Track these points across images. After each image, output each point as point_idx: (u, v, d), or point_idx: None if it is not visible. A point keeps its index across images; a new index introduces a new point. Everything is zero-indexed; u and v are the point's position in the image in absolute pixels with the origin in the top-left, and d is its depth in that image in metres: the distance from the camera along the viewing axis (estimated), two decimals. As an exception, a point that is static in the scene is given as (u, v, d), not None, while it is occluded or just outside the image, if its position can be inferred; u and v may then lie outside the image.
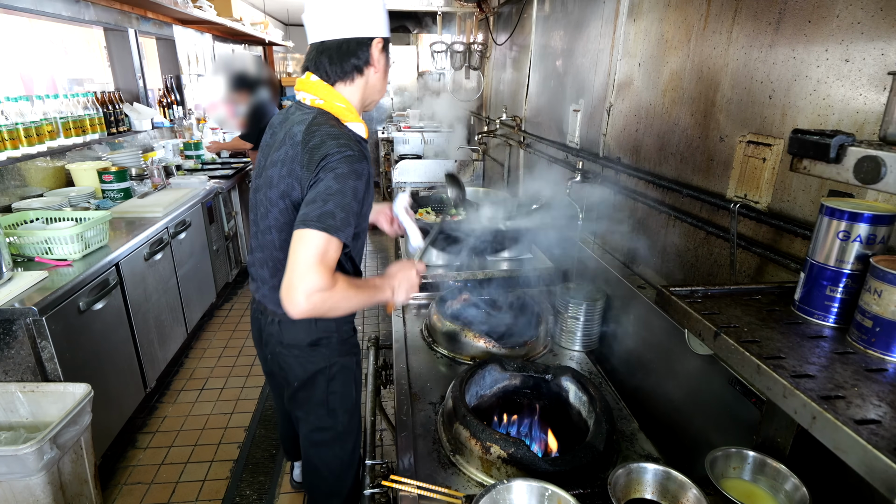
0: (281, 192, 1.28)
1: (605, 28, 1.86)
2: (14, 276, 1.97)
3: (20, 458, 1.56)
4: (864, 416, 0.56)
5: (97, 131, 3.39)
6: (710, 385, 1.17)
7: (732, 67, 1.19)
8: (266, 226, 1.36)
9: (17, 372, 1.88)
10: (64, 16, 3.19)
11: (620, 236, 1.79)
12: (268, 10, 9.32)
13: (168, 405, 2.75)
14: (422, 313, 1.95)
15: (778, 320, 0.78)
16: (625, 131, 1.73)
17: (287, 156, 1.26)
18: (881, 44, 0.84)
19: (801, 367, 0.65)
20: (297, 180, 1.24)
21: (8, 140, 2.64)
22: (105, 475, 2.24)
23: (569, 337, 1.71)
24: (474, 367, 1.38)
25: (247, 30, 6.15)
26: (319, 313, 1.17)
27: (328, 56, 1.32)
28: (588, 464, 1.08)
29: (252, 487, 2.21)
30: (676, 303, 0.83)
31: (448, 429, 1.23)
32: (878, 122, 0.84)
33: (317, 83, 1.34)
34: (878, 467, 0.50)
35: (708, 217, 1.30)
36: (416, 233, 1.63)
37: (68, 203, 2.79)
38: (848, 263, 0.73)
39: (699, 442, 1.21)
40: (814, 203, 0.99)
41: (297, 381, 1.48)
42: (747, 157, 1.13)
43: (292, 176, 1.25)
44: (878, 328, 0.67)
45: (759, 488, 0.93)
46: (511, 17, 3.22)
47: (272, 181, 1.30)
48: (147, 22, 4.30)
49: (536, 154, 2.72)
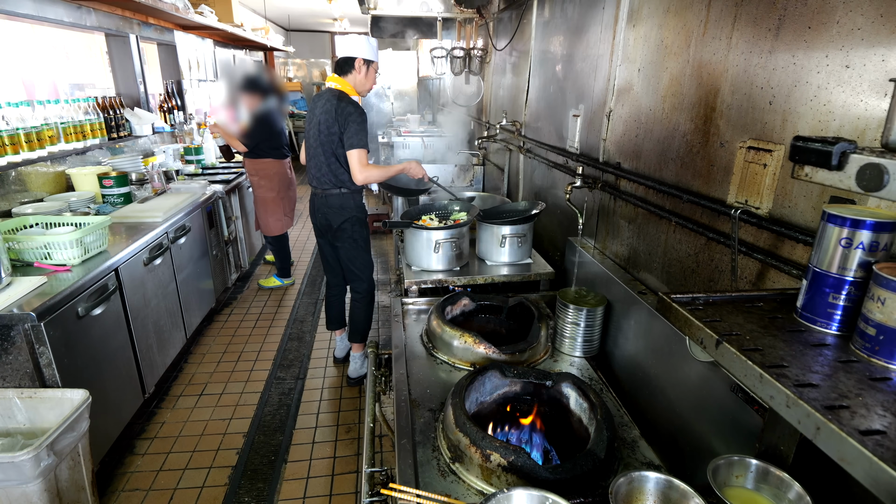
0: (328, 128, 2.55)
1: (605, 34, 1.86)
2: (13, 282, 1.96)
3: (17, 464, 1.55)
4: (868, 426, 0.55)
5: (98, 136, 3.39)
6: (711, 392, 1.16)
7: (732, 73, 1.18)
8: (318, 146, 2.61)
9: (14, 378, 1.87)
10: (66, 21, 3.20)
11: (621, 241, 1.79)
12: (269, 16, 9.36)
13: (166, 411, 2.74)
14: (421, 319, 1.94)
15: (780, 328, 0.78)
16: (625, 136, 1.73)
17: (331, 112, 2.53)
18: (882, 50, 0.84)
19: (804, 376, 0.65)
20: (337, 124, 2.52)
21: (9, 145, 2.64)
22: (103, 482, 2.23)
23: (569, 343, 1.70)
24: (474, 373, 1.37)
25: (248, 35, 6.17)
26: (370, 181, 2.56)
27: (339, 64, 2.67)
28: (589, 472, 1.07)
29: (251, 494, 2.20)
30: (678, 310, 0.83)
31: (448, 436, 1.22)
32: (880, 128, 0.84)
33: (337, 78, 2.65)
34: (884, 479, 0.50)
35: (709, 223, 1.30)
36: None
37: (68, 208, 2.79)
38: (850, 271, 0.73)
39: (701, 450, 1.20)
40: (815, 209, 0.99)
41: (335, 224, 2.71)
42: (748, 163, 1.13)
43: (336, 122, 2.52)
44: (882, 336, 0.67)
45: (762, 497, 0.92)
46: (511, 22, 3.23)
47: (320, 124, 2.58)
48: (148, 28, 4.31)
49: (536, 159, 2.72)
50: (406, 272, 2.25)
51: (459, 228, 2.23)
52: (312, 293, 4.27)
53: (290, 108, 10.81)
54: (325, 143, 2.58)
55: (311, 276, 4.66)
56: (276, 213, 4.08)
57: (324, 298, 4.02)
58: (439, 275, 2.20)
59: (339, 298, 3.11)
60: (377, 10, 3.72)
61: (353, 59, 2.61)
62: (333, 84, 2.63)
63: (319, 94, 2.68)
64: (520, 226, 2.25)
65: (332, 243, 2.83)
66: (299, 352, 3.35)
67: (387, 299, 3.90)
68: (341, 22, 10.31)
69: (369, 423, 1.59)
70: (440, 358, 1.65)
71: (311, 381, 3.02)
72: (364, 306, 2.92)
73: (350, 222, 2.70)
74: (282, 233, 4.19)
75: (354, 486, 2.26)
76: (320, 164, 2.63)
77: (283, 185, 4.05)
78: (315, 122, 2.62)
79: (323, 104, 2.58)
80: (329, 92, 2.61)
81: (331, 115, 2.52)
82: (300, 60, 12.27)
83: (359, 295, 2.90)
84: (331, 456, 2.43)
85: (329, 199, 2.68)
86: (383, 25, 4.34)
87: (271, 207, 4.03)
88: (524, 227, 2.27)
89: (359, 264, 2.82)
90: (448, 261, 2.22)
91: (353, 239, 2.75)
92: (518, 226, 2.25)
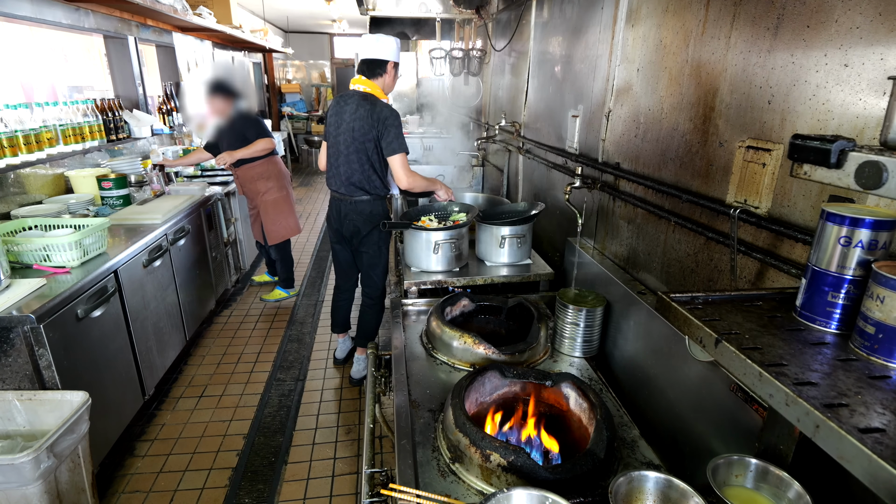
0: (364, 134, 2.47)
1: (604, 34, 1.87)
2: (12, 284, 1.96)
3: (17, 467, 1.54)
4: (868, 424, 0.55)
5: (96, 138, 3.39)
6: (711, 391, 1.16)
7: (731, 72, 1.19)
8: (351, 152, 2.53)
9: (14, 380, 1.87)
10: (64, 24, 3.20)
11: (620, 242, 1.79)
12: (267, 18, 9.37)
13: (166, 413, 2.74)
14: (421, 320, 1.94)
15: (779, 327, 0.78)
16: (624, 137, 1.73)
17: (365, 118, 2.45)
18: (880, 49, 0.84)
19: (803, 375, 0.65)
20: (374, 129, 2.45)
21: (7, 147, 2.64)
22: (103, 484, 2.22)
23: (569, 343, 1.70)
24: (474, 373, 1.37)
25: (246, 37, 6.17)
26: (412, 187, 2.49)
27: (368, 65, 2.55)
28: (589, 472, 1.07)
29: (251, 496, 2.20)
30: (677, 309, 0.83)
31: (447, 436, 1.22)
32: (878, 126, 0.84)
33: (365, 80, 2.54)
34: (883, 477, 0.50)
35: (708, 222, 1.30)
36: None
37: (67, 210, 2.79)
38: (850, 269, 0.73)
39: (701, 449, 1.20)
40: (814, 208, 0.99)
41: (364, 231, 2.68)
42: (747, 163, 1.13)
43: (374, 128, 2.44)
44: (881, 335, 0.67)
45: (761, 496, 0.92)
46: (510, 23, 3.23)
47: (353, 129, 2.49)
48: (147, 29, 4.31)
49: (535, 159, 2.72)
50: (405, 273, 2.25)
51: (459, 229, 2.23)
52: (312, 295, 4.27)
53: (289, 110, 10.82)
54: (361, 149, 2.49)
55: (310, 277, 4.65)
56: (291, 213, 3.83)
57: (327, 301, 4.07)
58: (439, 276, 2.20)
59: (348, 303, 3.12)
60: (376, 11, 3.73)
61: (383, 61, 2.52)
62: (361, 87, 2.52)
63: (344, 98, 2.55)
64: (519, 226, 2.25)
65: (355, 249, 2.80)
66: (299, 353, 3.35)
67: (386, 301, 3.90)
68: (340, 23, 10.33)
69: (369, 423, 1.58)
70: (440, 359, 1.65)
71: (311, 383, 3.02)
72: (376, 311, 2.93)
73: (378, 229, 2.68)
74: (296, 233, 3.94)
75: (354, 487, 2.26)
76: (353, 170, 2.55)
77: (288, 181, 3.86)
78: (346, 127, 2.51)
79: (354, 109, 2.48)
80: (358, 95, 2.50)
81: (366, 120, 2.43)
82: (299, 62, 12.28)
83: (371, 301, 2.89)
84: (331, 457, 2.43)
85: (359, 205, 2.62)
86: (382, 26, 4.34)
87: (285, 207, 3.78)
88: (523, 228, 2.26)
89: (379, 270, 2.82)
90: (447, 262, 2.22)
91: (378, 245, 2.74)
92: (517, 226, 2.25)
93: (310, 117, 10.90)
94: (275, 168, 3.73)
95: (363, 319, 2.95)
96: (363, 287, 2.93)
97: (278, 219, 3.75)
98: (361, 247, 2.75)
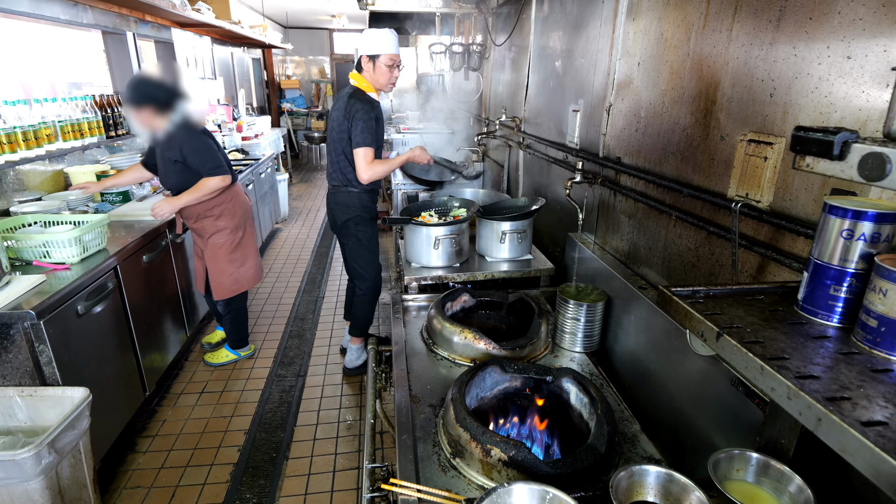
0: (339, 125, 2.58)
1: (604, 28, 1.85)
2: (12, 280, 1.96)
3: (18, 462, 1.55)
4: (870, 417, 0.55)
5: (96, 135, 3.38)
6: (712, 386, 1.16)
7: (733, 66, 1.18)
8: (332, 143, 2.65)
9: (15, 376, 1.87)
10: (62, 19, 3.18)
11: (621, 237, 1.78)
12: (267, 13, 9.33)
13: (168, 409, 2.74)
14: (421, 315, 1.94)
15: (781, 320, 0.77)
16: (625, 131, 1.72)
17: (342, 109, 2.56)
18: (884, 40, 0.83)
19: (805, 368, 0.64)
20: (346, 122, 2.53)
21: (6, 144, 2.64)
22: (104, 479, 2.23)
23: (570, 338, 1.70)
24: (474, 369, 1.37)
25: (245, 32, 6.15)
26: (375, 178, 2.55)
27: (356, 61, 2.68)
28: (589, 466, 1.07)
29: (252, 491, 2.20)
30: (678, 303, 0.82)
31: (448, 432, 1.22)
32: (882, 119, 0.83)
33: (355, 74, 2.65)
34: (885, 470, 0.49)
35: (709, 216, 1.29)
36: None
37: (66, 206, 2.78)
38: (852, 262, 0.73)
39: (702, 444, 1.20)
40: (816, 202, 0.98)
41: (340, 221, 2.76)
42: (748, 156, 1.13)
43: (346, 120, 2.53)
44: (884, 328, 0.66)
45: (762, 490, 0.92)
46: (510, 17, 3.21)
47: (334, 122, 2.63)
48: (145, 25, 4.29)
49: (536, 155, 2.71)
50: (406, 269, 2.25)
51: (459, 225, 2.22)
52: (312, 291, 4.27)
53: (289, 106, 10.79)
54: (337, 140, 2.61)
55: (310, 274, 4.65)
56: (249, 258, 2.92)
57: (328, 297, 4.09)
58: (439, 271, 2.19)
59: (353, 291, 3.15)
60: (375, 6, 3.71)
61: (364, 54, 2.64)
62: (353, 81, 2.64)
63: (341, 92, 2.70)
64: (520, 222, 2.24)
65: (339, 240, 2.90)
66: (300, 349, 3.35)
67: (387, 296, 3.89)
68: (339, 19, 10.29)
69: (370, 419, 1.59)
70: (440, 354, 1.65)
71: (311, 379, 3.02)
72: (365, 304, 2.93)
73: (354, 221, 2.72)
74: (253, 284, 3.02)
75: (356, 482, 2.26)
76: (332, 161, 2.69)
77: (249, 216, 2.92)
78: (333, 121, 2.66)
79: (339, 102, 2.62)
80: (347, 89, 2.63)
81: (342, 112, 2.55)
82: (298, 58, 12.25)
83: (360, 292, 2.92)
84: (332, 452, 2.43)
85: (337, 195, 2.71)
86: (381, 21, 4.32)
87: (239, 254, 2.85)
88: (524, 223, 2.26)
89: (361, 262, 2.84)
90: (448, 257, 2.22)
91: (356, 238, 2.77)
92: (518, 222, 2.24)
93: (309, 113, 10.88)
94: (229, 204, 2.76)
95: (354, 310, 2.99)
96: (351, 278, 2.99)
97: (228, 269, 2.83)
98: (341, 237, 2.83)
